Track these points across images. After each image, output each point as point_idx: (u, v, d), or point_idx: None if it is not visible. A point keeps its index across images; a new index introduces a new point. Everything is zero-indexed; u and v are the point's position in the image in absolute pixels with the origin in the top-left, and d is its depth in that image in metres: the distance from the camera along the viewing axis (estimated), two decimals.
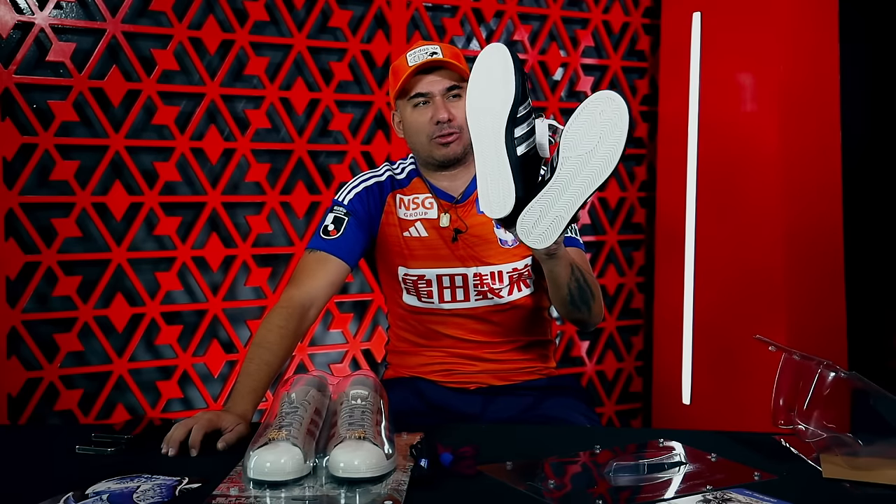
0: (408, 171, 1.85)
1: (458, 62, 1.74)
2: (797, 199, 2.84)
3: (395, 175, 1.85)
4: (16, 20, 2.40)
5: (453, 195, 1.80)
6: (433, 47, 1.74)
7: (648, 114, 3.35)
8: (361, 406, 1.34)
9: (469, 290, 1.77)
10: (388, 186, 1.83)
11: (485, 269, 1.77)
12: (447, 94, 1.74)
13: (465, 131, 1.72)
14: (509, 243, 1.77)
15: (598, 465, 1.36)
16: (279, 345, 1.62)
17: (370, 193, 1.81)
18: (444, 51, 1.74)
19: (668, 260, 3.17)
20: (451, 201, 1.79)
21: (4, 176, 2.40)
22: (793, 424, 1.40)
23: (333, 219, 1.78)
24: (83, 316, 2.51)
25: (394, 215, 1.80)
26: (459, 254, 1.77)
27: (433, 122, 1.73)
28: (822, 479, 1.29)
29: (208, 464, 1.32)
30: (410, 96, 1.75)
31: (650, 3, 3.29)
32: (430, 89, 1.73)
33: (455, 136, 1.74)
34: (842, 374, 1.38)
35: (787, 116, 2.83)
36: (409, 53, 1.74)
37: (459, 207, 1.79)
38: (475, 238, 1.77)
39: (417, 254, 1.78)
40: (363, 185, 1.82)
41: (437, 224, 1.79)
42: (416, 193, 1.82)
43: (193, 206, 2.66)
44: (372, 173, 1.86)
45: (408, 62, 1.73)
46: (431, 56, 1.72)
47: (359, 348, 2.90)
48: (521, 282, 1.80)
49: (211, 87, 2.64)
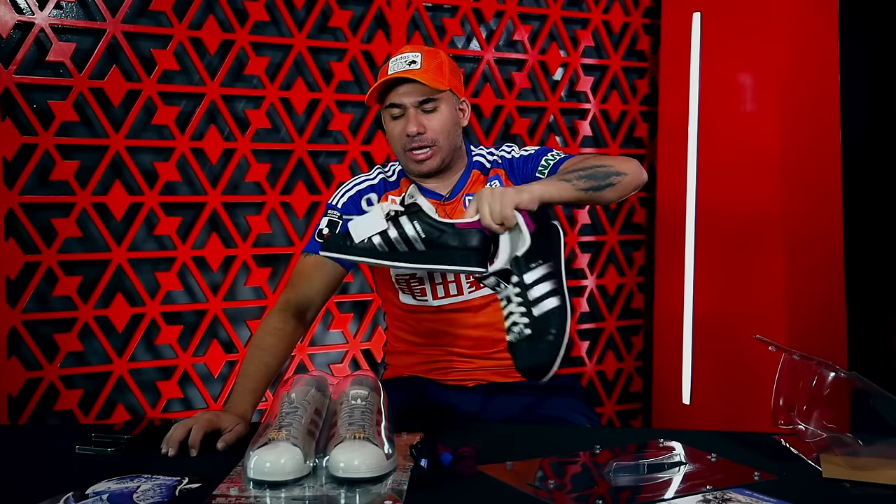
0: (398, 172, 1.86)
1: (436, 75, 1.70)
2: (797, 199, 2.84)
3: (387, 177, 1.85)
4: (16, 20, 2.40)
5: (441, 193, 1.80)
6: (413, 55, 1.71)
7: (648, 114, 3.35)
8: (361, 406, 1.34)
9: (461, 282, 1.78)
10: (381, 189, 1.84)
11: None
12: (421, 107, 1.71)
13: (440, 144, 1.72)
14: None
15: (598, 465, 1.36)
16: (277, 346, 1.64)
17: (363, 196, 1.82)
18: (426, 60, 1.70)
19: (668, 260, 3.17)
20: (439, 199, 1.79)
21: (4, 176, 2.40)
22: (793, 424, 1.40)
23: (328, 222, 1.78)
24: (83, 316, 2.51)
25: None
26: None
27: (405, 134, 1.72)
28: (822, 479, 1.30)
29: (208, 464, 1.32)
30: (385, 106, 1.74)
31: (650, 3, 3.29)
32: (402, 101, 1.71)
33: (428, 151, 1.72)
34: (842, 374, 1.38)
35: (787, 116, 2.83)
36: (392, 59, 1.72)
37: (447, 205, 1.79)
38: None
39: None
40: (356, 189, 1.83)
41: None
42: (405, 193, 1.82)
43: (193, 206, 2.66)
44: (364, 177, 1.86)
45: (388, 69, 1.71)
46: (409, 66, 1.69)
47: (358, 348, 2.90)
48: None
49: (211, 87, 2.64)
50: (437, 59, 1.73)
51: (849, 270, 2.98)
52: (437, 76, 1.70)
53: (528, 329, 1.35)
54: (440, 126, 1.72)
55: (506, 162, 1.82)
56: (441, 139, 1.73)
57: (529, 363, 1.37)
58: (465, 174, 1.82)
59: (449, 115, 1.74)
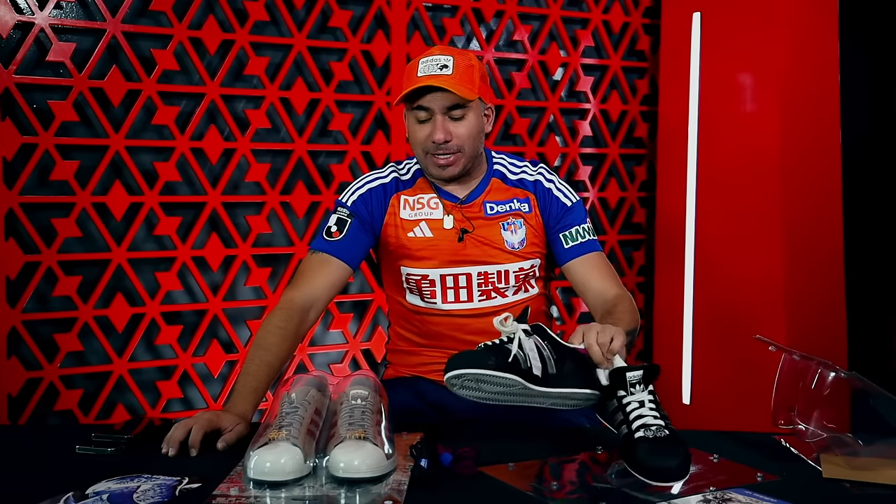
0: (413, 171, 1.83)
1: (468, 82, 1.66)
2: (797, 199, 2.84)
3: (401, 176, 1.83)
4: (16, 20, 2.40)
5: (458, 196, 1.79)
6: (446, 58, 1.67)
7: (648, 114, 3.35)
8: (361, 406, 1.34)
9: (472, 290, 1.77)
10: (392, 188, 1.81)
11: (491, 269, 1.76)
12: (449, 113, 1.68)
13: (465, 151, 1.70)
14: (515, 246, 1.77)
15: (600, 465, 1.36)
16: (279, 346, 1.62)
17: (374, 195, 1.80)
18: (457, 65, 1.66)
19: (668, 260, 3.17)
20: (455, 202, 1.78)
21: (4, 176, 2.40)
22: (793, 424, 1.40)
23: (336, 220, 1.76)
24: (83, 316, 2.51)
25: (397, 217, 1.79)
26: (465, 254, 1.76)
27: (430, 140, 1.69)
28: (822, 479, 1.30)
29: (208, 464, 1.32)
30: (413, 107, 1.70)
31: (650, 3, 3.29)
32: (431, 105, 1.67)
33: (451, 157, 1.70)
34: (842, 374, 1.38)
35: (787, 116, 2.83)
36: (422, 61, 1.68)
37: (465, 208, 1.78)
38: (482, 238, 1.76)
39: (421, 254, 1.77)
40: (367, 187, 1.81)
41: (442, 225, 1.77)
42: (420, 194, 1.80)
43: (193, 206, 2.66)
44: (377, 174, 1.84)
45: (417, 71, 1.67)
46: (440, 70, 1.65)
47: (359, 348, 2.90)
48: (527, 282, 1.80)
49: (211, 87, 2.64)
50: (468, 64, 1.69)
51: (849, 270, 2.98)
52: (468, 83, 1.67)
53: (667, 430, 1.30)
54: (467, 133, 1.69)
55: (541, 191, 1.80)
56: (466, 146, 1.70)
57: (676, 461, 1.28)
58: (485, 180, 1.80)
59: (476, 122, 1.71)
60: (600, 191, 3.27)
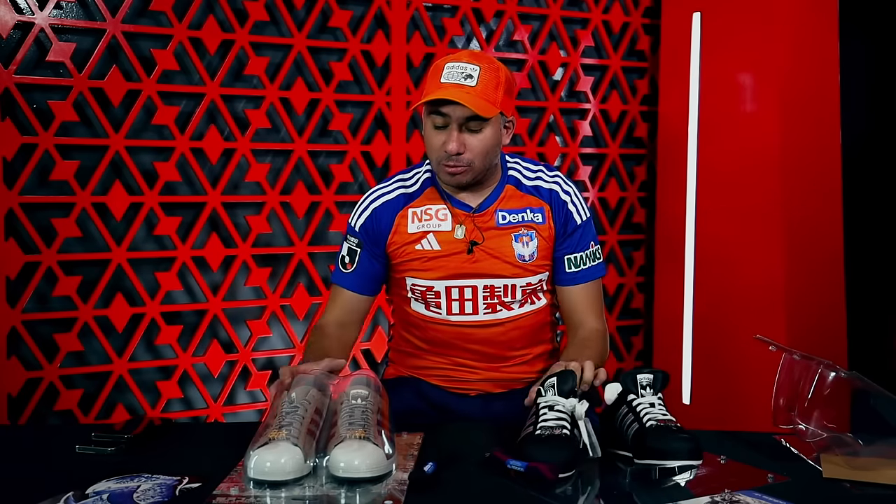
0: (422, 182, 1.80)
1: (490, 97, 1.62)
2: (797, 199, 2.84)
3: (407, 189, 1.80)
4: (16, 20, 2.40)
5: (470, 205, 1.75)
6: (472, 68, 1.62)
7: (648, 114, 3.35)
8: (361, 406, 1.34)
9: (478, 302, 1.75)
10: (399, 204, 1.78)
11: (498, 282, 1.74)
12: (466, 124, 1.63)
13: (475, 165, 1.67)
14: (526, 258, 1.75)
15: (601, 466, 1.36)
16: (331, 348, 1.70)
17: (379, 214, 1.78)
18: (483, 76, 1.62)
19: (668, 260, 3.17)
20: (468, 211, 1.75)
21: (4, 176, 2.40)
22: (793, 424, 1.40)
23: (348, 250, 1.80)
24: (83, 316, 2.51)
25: (404, 230, 1.76)
26: (473, 266, 1.74)
27: (443, 149, 1.66)
28: (822, 479, 1.30)
29: (208, 464, 1.32)
30: (430, 112, 1.66)
31: (650, 3, 3.29)
32: (449, 114, 1.63)
33: (462, 168, 1.67)
34: (842, 374, 1.39)
35: (787, 116, 2.83)
36: (448, 65, 1.64)
37: (476, 217, 1.75)
38: (491, 250, 1.74)
39: (428, 266, 1.75)
40: (372, 207, 1.79)
41: (451, 237, 1.74)
42: (429, 204, 1.77)
43: (193, 206, 2.66)
44: (382, 190, 1.81)
45: (441, 76, 1.63)
46: (465, 80, 1.61)
47: (359, 348, 2.90)
48: (534, 295, 1.79)
49: (211, 87, 2.64)
50: (494, 76, 1.64)
51: (849, 270, 2.98)
52: (491, 99, 1.63)
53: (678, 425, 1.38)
54: (481, 148, 1.65)
55: (557, 203, 1.77)
56: (478, 161, 1.66)
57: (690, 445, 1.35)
58: (499, 187, 1.77)
59: (492, 136, 1.66)
60: (600, 191, 3.27)
